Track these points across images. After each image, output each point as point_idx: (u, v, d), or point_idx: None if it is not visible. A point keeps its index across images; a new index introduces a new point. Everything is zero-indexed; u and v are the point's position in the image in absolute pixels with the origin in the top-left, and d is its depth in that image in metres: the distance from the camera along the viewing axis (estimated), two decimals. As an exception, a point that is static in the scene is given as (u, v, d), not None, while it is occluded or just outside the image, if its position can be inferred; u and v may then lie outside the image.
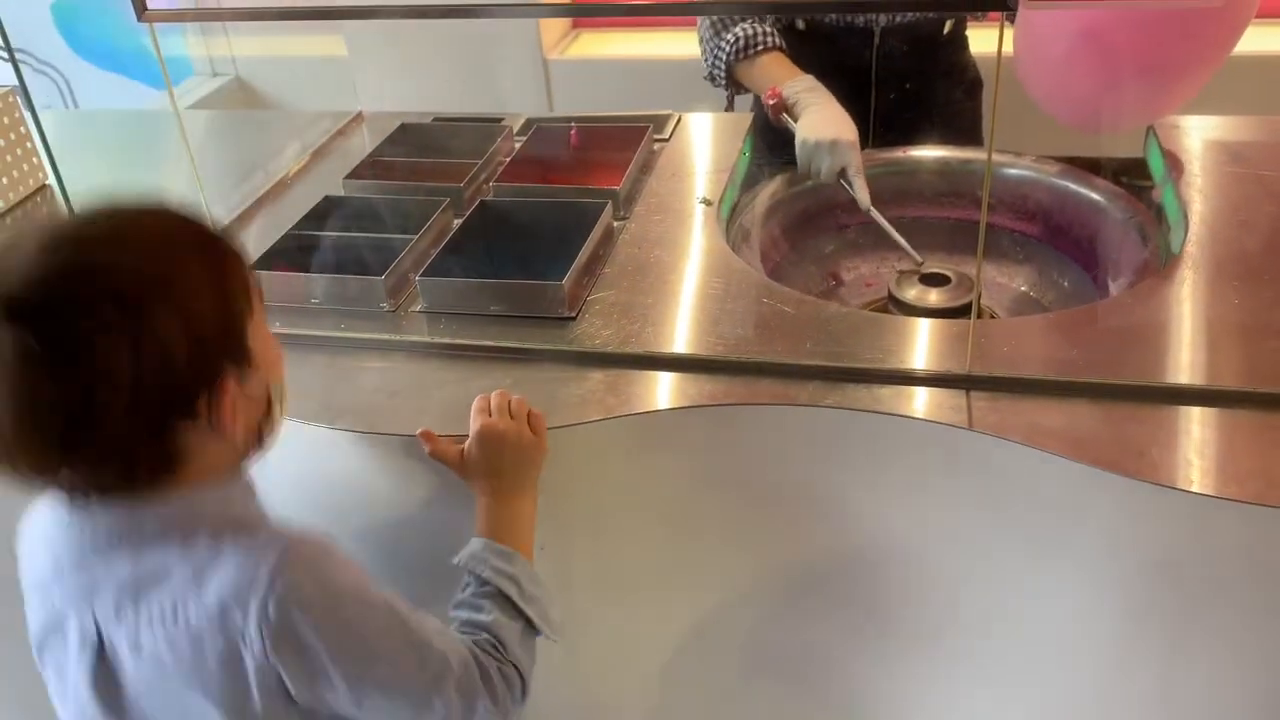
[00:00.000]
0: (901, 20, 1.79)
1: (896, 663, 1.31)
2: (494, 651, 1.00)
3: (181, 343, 0.83)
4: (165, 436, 0.86)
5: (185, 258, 0.87)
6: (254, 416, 0.93)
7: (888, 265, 1.66)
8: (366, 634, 0.90)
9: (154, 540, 0.89)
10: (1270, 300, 1.24)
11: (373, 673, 0.91)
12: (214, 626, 0.86)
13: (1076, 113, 1.56)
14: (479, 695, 0.96)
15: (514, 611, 1.03)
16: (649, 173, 1.66)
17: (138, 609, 0.89)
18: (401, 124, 1.84)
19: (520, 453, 1.12)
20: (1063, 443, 1.06)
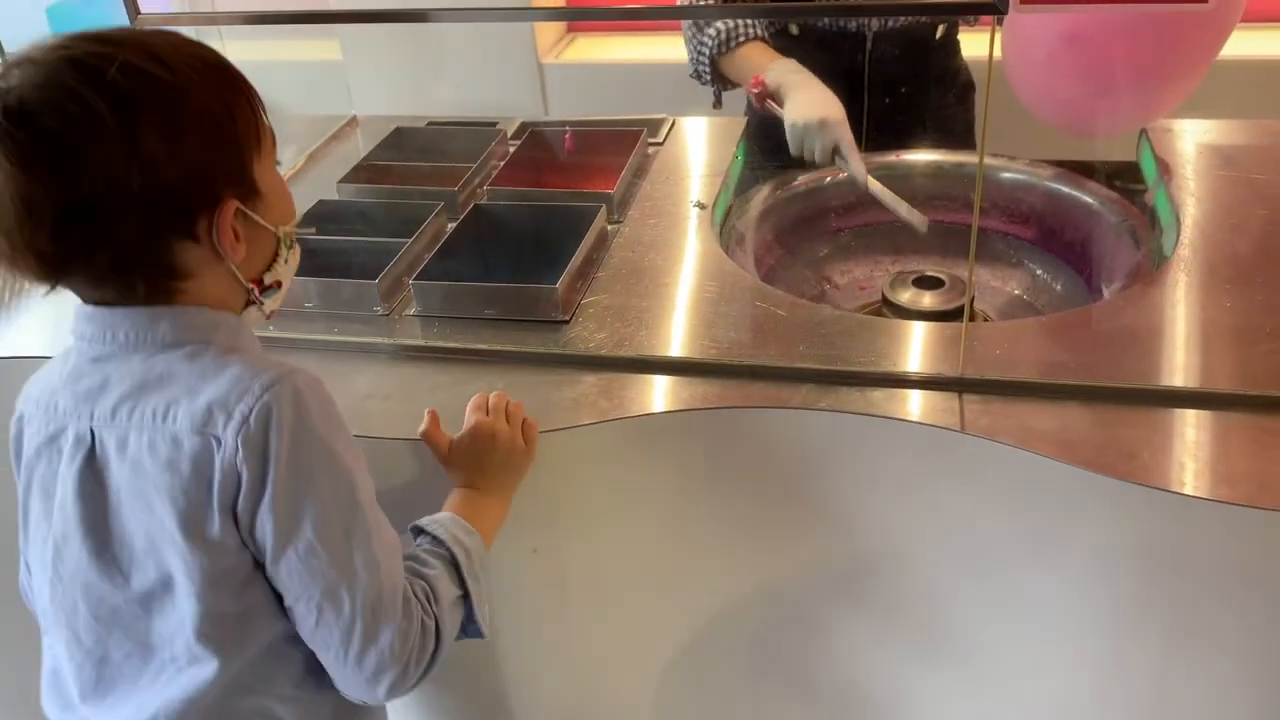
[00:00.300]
0: (894, 25, 1.79)
1: (890, 665, 1.31)
2: (424, 600, 0.97)
3: (179, 156, 0.85)
4: (162, 250, 0.88)
5: (192, 76, 0.87)
6: (260, 256, 0.95)
7: (881, 269, 1.66)
8: (314, 484, 0.89)
9: (168, 348, 0.91)
10: (1262, 303, 1.24)
11: (299, 527, 0.89)
12: (196, 427, 0.87)
13: (1063, 116, 1.56)
14: (389, 624, 0.91)
15: (457, 579, 1.01)
16: (643, 176, 1.66)
17: (134, 409, 0.90)
18: (396, 128, 1.84)
19: (508, 456, 1.12)
20: (1055, 445, 1.06)
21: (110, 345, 0.92)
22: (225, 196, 0.89)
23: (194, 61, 0.88)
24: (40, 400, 0.95)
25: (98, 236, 0.85)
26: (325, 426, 0.91)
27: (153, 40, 0.88)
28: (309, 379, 0.91)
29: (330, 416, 0.92)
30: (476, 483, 1.11)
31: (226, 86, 0.90)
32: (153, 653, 0.93)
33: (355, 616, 0.90)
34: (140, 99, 0.83)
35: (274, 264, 0.96)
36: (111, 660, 0.95)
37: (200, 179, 0.87)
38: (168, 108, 0.85)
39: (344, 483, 0.91)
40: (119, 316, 0.91)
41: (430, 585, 0.98)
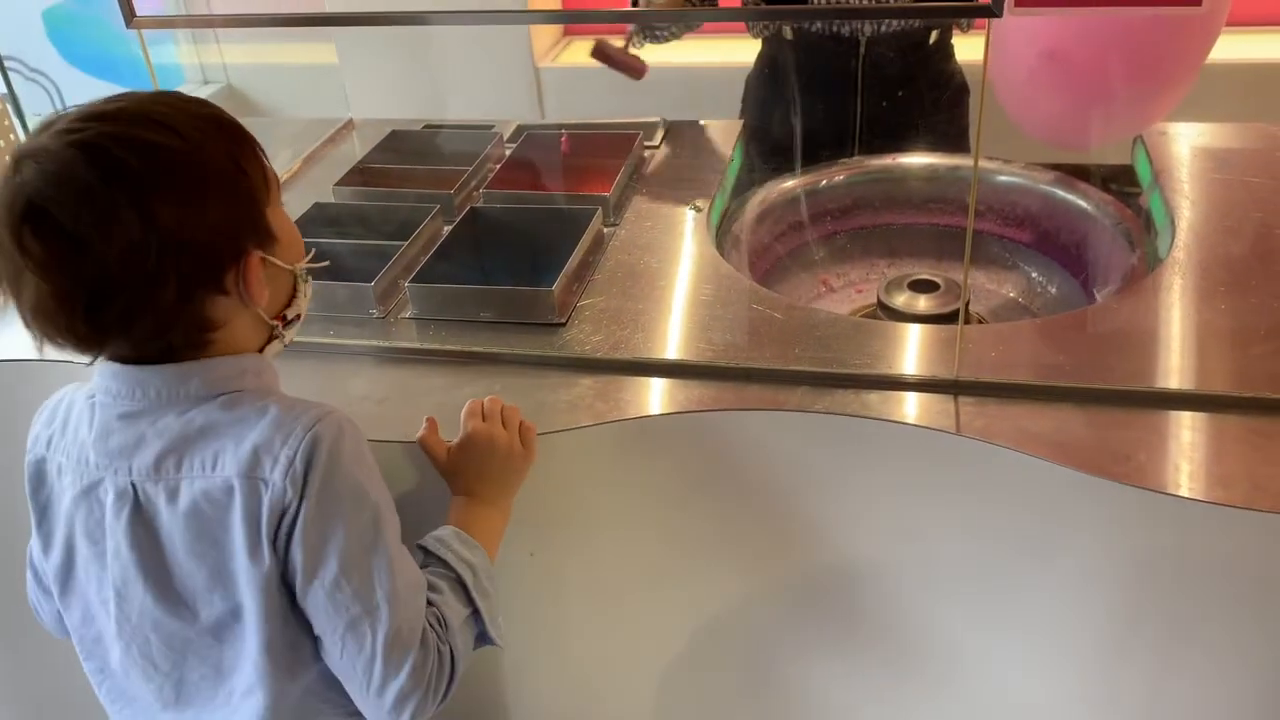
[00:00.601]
0: (887, 29, 1.80)
1: (885, 665, 1.31)
2: (438, 627, 0.99)
3: (199, 220, 0.88)
4: (195, 308, 0.91)
5: (201, 139, 0.90)
6: (280, 294, 0.98)
7: (877, 271, 1.66)
8: (342, 519, 0.92)
9: (202, 401, 0.94)
10: (1256, 305, 1.25)
11: (326, 560, 0.92)
12: (244, 471, 0.91)
13: (1047, 131, 1.56)
14: (408, 657, 0.94)
15: (465, 598, 1.03)
16: (639, 179, 1.66)
17: (180, 462, 0.93)
18: (392, 131, 1.84)
19: (507, 462, 1.12)
20: (1050, 447, 1.06)
21: (140, 402, 0.95)
22: (248, 248, 0.93)
23: (200, 123, 0.91)
24: (69, 452, 0.99)
25: (130, 310, 0.88)
26: (357, 465, 0.94)
27: (158, 107, 0.91)
28: (343, 418, 0.95)
29: (361, 455, 0.96)
30: (476, 490, 1.11)
31: (233, 141, 0.93)
32: (226, 676, 0.98)
33: (376, 650, 0.94)
34: (155, 175, 0.86)
35: (294, 299, 1.00)
36: (188, 680, 0.99)
37: (223, 236, 0.91)
38: (183, 176, 0.88)
39: (369, 518, 0.95)
40: (149, 374, 0.94)
41: (440, 611, 1.00)
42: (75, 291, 0.86)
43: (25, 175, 0.85)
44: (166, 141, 0.88)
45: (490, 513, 1.12)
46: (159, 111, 0.90)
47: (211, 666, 0.98)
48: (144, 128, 0.88)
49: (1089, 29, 1.38)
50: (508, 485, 1.13)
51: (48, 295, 0.86)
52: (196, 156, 0.89)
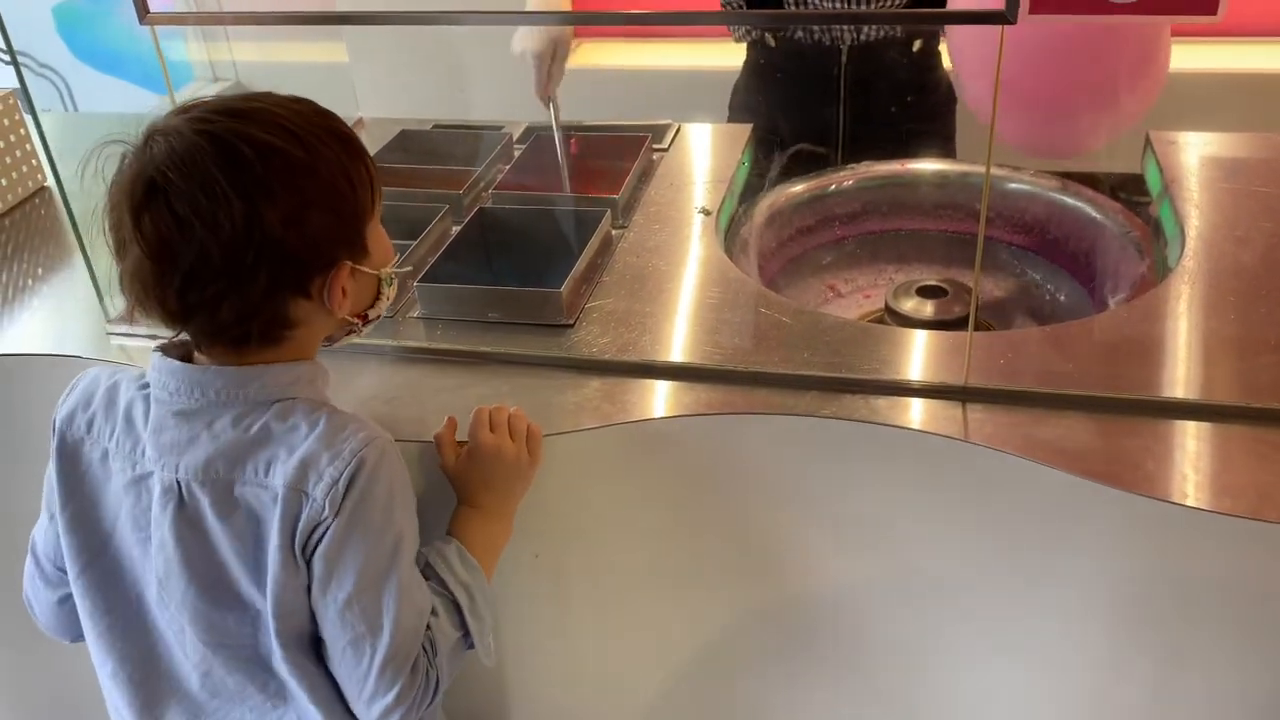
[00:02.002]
0: (869, 38, 1.81)
1: (889, 670, 1.31)
2: (427, 650, 1.01)
3: (301, 229, 0.92)
4: (279, 305, 0.95)
5: (322, 151, 0.93)
6: (364, 297, 1.03)
7: (885, 277, 1.66)
8: (366, 541, 0.96)
9: (259, 405, 0.97)
10: (1266, 315, 1.24)
11: (343, 578, 0.95)
12: (291, 483, 0.94)
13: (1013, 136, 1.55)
14: (399, 680, 0.98)
15: (459, 622, 1.05)
16: (648, 182, 1.66)
17: (233, 468, 0.96)
18: (401, 130, 1.84)
19: (514, 471, 1.13)
20: (1058, 455, 1.06)
21: (198, 402, 0.98)
22: (340, 259, 0.97)
23: (324, 135, 0.94)
24: (120, 440, 1.02)
25: (219, 296, 0.92)
26: (391, 492, 0.98)
27: (289, 114, 0.94)
28: (388, 443, 0.99)
29: (397, 481, 0.99)
30: (480, 500, 1.12)
31: (350, 156, 0.96)
32: (258, 673, 1.01)
33: (371, 669, 0.97)
34: (270, 177, 0.90)
35: (377, 301, 1.04)
36: (214, 675, 1.03)
37: (319, 246, 0.95)
38: (295, 184, 0.92)
39: (391, 545, 0.97)
40: (209, 376, 0.98)
41: (433, 635, 1.02)
42: (173, 269, 0.90)
43: (155, 152, 0.90)
44: (287, 148, 0.91)
45: (494, 527, 1.13)
46: (288, 118, 0.93)
47: (242, 660, 1.01)
48: (271, 131, 0.91)
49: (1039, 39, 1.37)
50: (511, 495, 1.14)
51: (148, 267, 0.91)
52: (312, 167, 0.92)
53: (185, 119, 0.92)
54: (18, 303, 1.49)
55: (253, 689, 1.02)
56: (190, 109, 0.93)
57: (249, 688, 1.02)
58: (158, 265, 0.91)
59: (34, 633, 1.18)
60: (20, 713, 1.71)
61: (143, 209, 0.90)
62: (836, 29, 1.80)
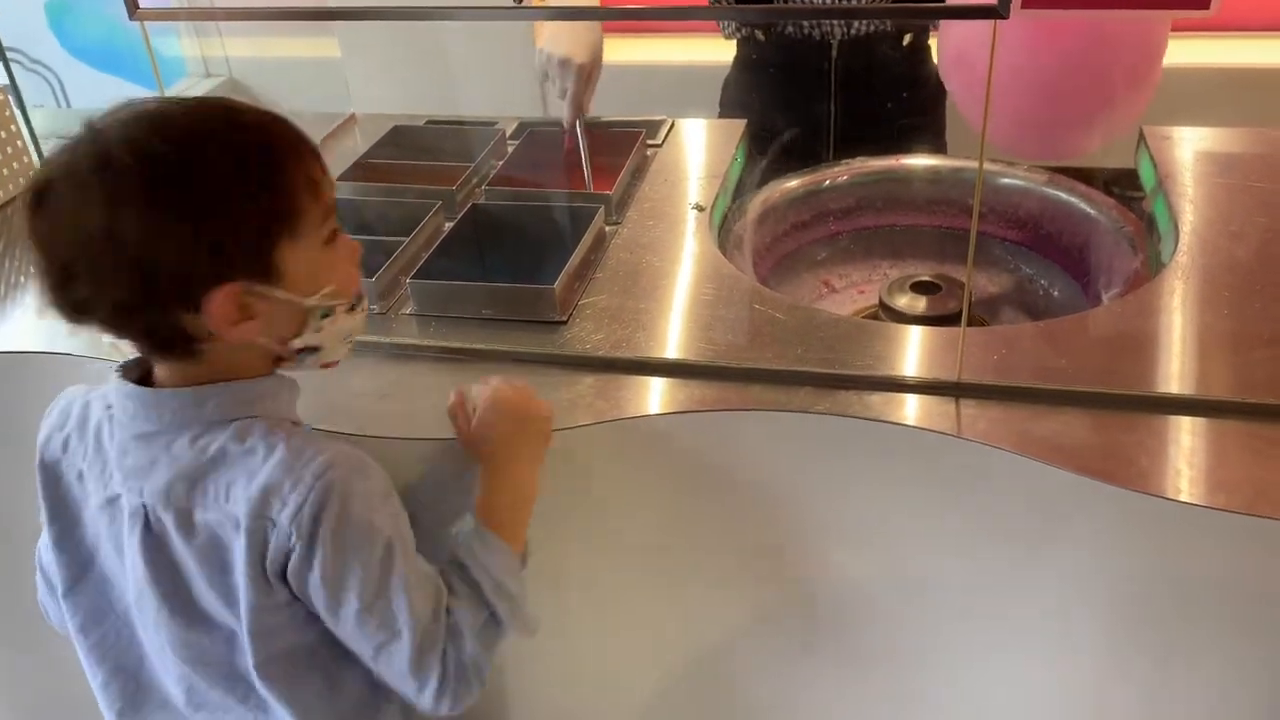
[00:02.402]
0: (859, 32, 1.80)
1: (885, 668, 1.31)
2: (450, 641, 1.00)
3: (168, 239, 0.87)
4: (168, 317, 0.91)
5: (216, 160, 0.89)
6: (281, 329, 0.96)
7: (879, 273, 1.66)
8: (357, 559, 0.94)
9: (215, 426, 0.95)
10: (1260, 310, 1.24)
11: (346, 597, 0.95)
12: (254, 510, 0.92)
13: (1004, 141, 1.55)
14: (434, 664, 0.98)
15: (481, 603, 1.03)
16: (642, 178, 1.66)
17: (192, 489, 0.95)
18: (394, 126, 1.83)
19: (531, 416, 1.12)
20: (1052, 451, 1.06)
21: (157, 424, 0.96)
22: (228, 279, 0.90)
23: (226, 146, 0.89)
24: (91, 460, 1.01)
25: (93, 300, 0.90)
26: (366, 505, 0.96)
27: (190, 121, 0.90)
28: (354, 460, 0.97)
29: (371, 493, 0.97)
30: (503, 454, 1.10)
31: (266, 171, 0.90)
32: (237, 686, 1.02)
33: (406, 667, 0.97)
34: (139, 183, 0.86)
35: (303, 331, 0.97)
36: (198, 689, 1.03)
37: (196, 262, 0.89)
38: (173, 196, 0.87)
39: (382, 552, 0.96)
40: (165, 397, 0.96)
41: (455, 620, 1.01)
42: (49, 267, 0.89)
43: (58, 152, 0.89)
44: (168, 154, 0.87)
45: (519, 474, 1.10)
46: (189, 126, 0.90)
47: (222, 676, 1.01)
48: (159, 135, 0.88)
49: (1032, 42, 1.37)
50: (534, 443, 1.12)
51: (35, 262, 0.90)
52: (198, 179, 0.88)
53: (97, 120, 0.90)
54: (11, 300, 1.49)
55: (233, 701, 1.02)
56: (117, 110, 0.91)
57: (229, 699, 1.02)
58: (38, 262, 0.90)
59: (32, 632, 1.18)
60: (19, 712, 1.70)
61: (33, 207, 0.89)
62: (827, 24, 1.80)
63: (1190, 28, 2.34)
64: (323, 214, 0.95)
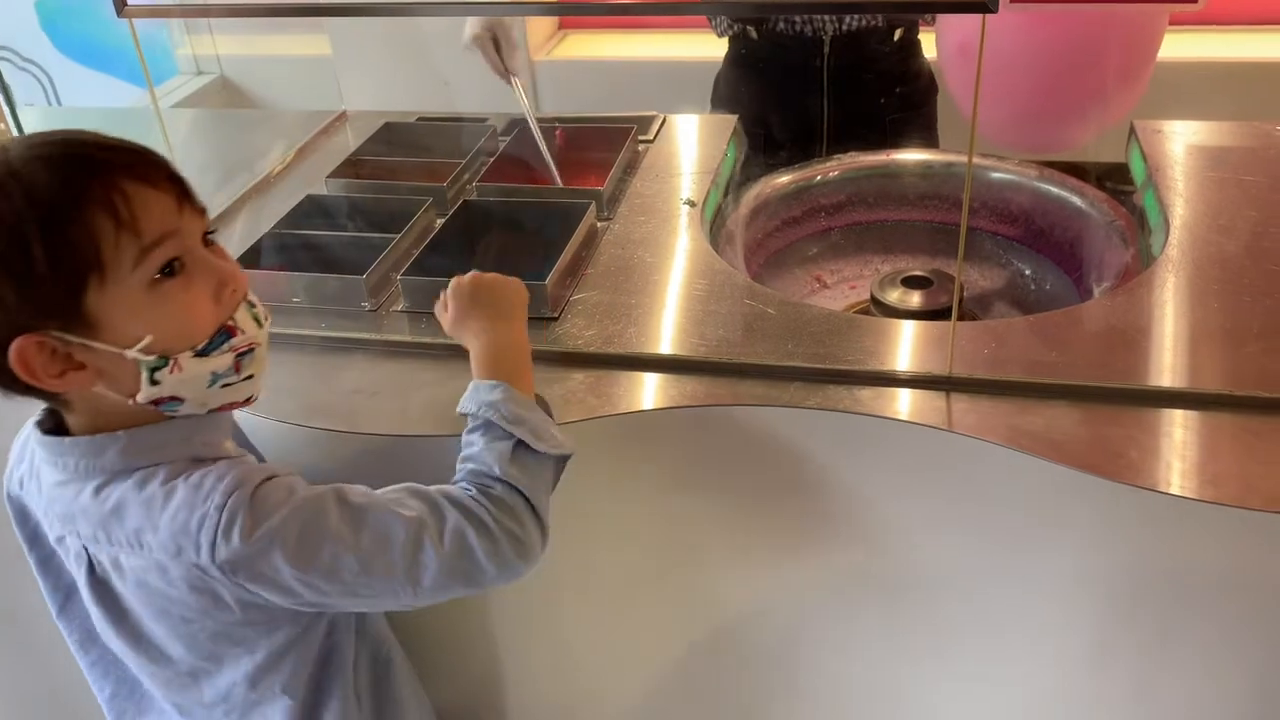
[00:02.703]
0: (850, 28, 1.81)
1: (875, 663, 1.31)
2: (475, 480, 0.98)
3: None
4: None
5: (7, 204, 0.82)
6: (120, 376, 0.89)
7: (871, 268, 1.66)
8: (304, 555, 0.90)
9: (119, 475, 0.92)
10: (1250, 304, 1.24)
11: (320, 586, 0.92)
12: (172, 555, 0.90)
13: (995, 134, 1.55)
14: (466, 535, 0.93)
15: (501, 433, 1.00)
16: (633, 174, 1.66)
17: (110, 538, 0.92)
18: (385, 123, 1.83)
19: (508, 287, 1.14)
20: (1042, 444, 1.06)
21: (65, 473, 0.93)
22: (29, 329, 0.84)
23: (21, 189, 0.82)
24: (38, 500, 0.99)
25: None
26: (282, 513, 0.91)
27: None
28: (250, 473, 0.91)
29: (283, 497, 0.92)
30: (488, 323, 1.11)
31: (72, 211, 0.83)
32: (216, 709, 1.02)
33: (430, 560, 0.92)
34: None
35: (140, 385, 0.89)
36: (184, 705, 1.04)
37: None
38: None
39: (317, 541, 0.91)
40: (67, 447, 0.92)
41: (479, 464, 0.98)
42: None
43: None
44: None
45: (509, 334, 1.11)
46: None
47: (196, 698, 1.02)
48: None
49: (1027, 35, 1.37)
50: (516, 308, 1.13)
51: None
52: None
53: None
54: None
55: (219, 714, 1.03)
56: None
57: (214, 713, 1.03)
58: None
59: (29, 632, 1.18)
60: (16, 712, 1.70)
61: None
62: (818, 20, 1.80)
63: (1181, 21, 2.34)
64: (138, 254, 0.85)
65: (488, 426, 1.01)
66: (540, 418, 1.03)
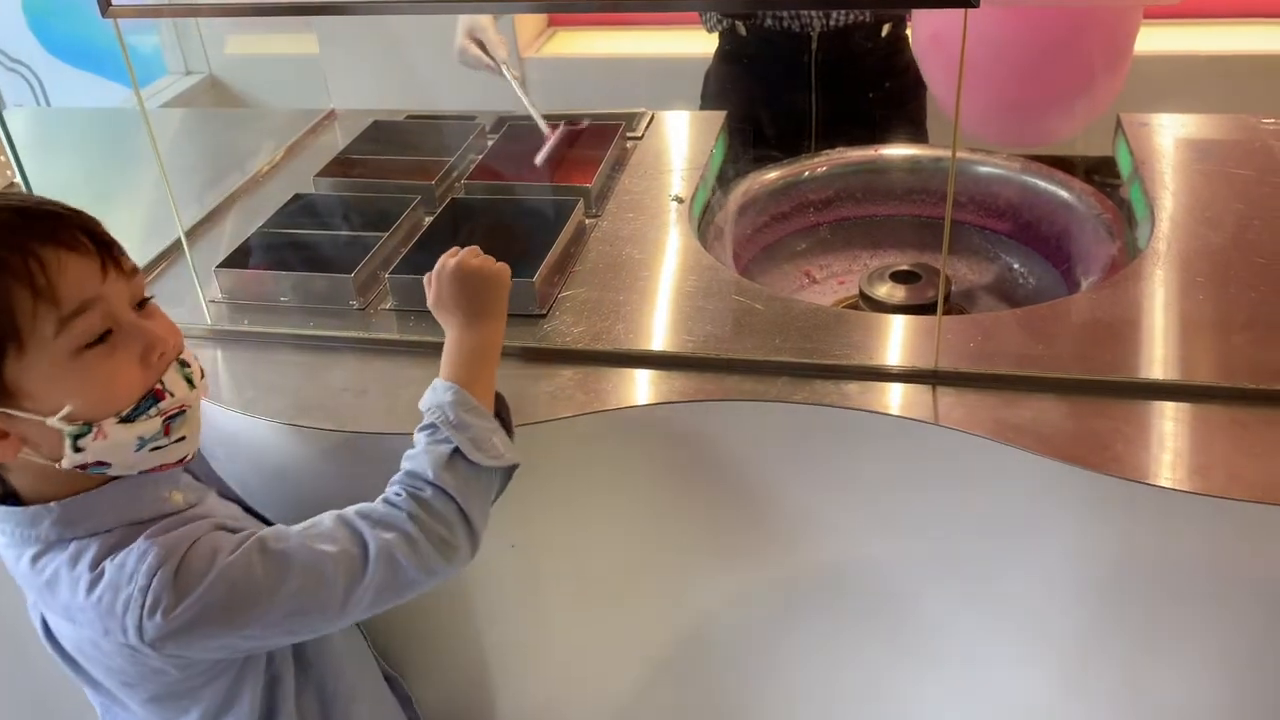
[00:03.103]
0: (837, 24, 1.81)
1: (865, 657, 1.31)
2: (408, 484, 1.00)
3: None
4: None
5: None
6: (51, 449, 0.89)
7: (859, 263, 1.67)
8: (234, 618, 0.91)
9: (54, 545, 0.92)
10: (1235, 295, 1.25)
11: (259, 638, 0.94)
12: (103, 631, 0.90)
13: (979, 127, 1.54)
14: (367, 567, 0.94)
15: (442, 437, 1.02)
16: (621, 170, 1.66)
17: (48, 605, 0.96)
18: (373, 121, 1.83)
19: (490, 279, 1.14)
20: (1028, 437, 1.06)
21: (6, 537, 0.94)
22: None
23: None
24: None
25: None
26: (207, 574, 0.90)
27: None
28: (177, 543, 0.91)
29: (205, 566, 0.91)
30: (467, 315, 1.12)
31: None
32: None
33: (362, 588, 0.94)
34: None
35: (74, 451, 0.89)
36: None
37: None
38: None
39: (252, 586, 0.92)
40: (4, 515, 0.93)
41: (415, 470, 1.00)
42: None
43: None
44: None
45: (484, 331, 1.12)
46: None
47: None
48: None
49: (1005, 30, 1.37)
50: (497, 301, 1.14)
51: None
52: None
53: None
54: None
55: None
56: None
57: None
58: None
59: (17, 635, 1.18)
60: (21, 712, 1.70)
61: None
62: (806, 16, 1.80)
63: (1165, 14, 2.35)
64: (58, 324, 0.85)
65: (433, 429, 1.02)
66: (486, 426, 1.04)
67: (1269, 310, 1.22)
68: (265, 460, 1.23)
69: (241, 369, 1.29)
